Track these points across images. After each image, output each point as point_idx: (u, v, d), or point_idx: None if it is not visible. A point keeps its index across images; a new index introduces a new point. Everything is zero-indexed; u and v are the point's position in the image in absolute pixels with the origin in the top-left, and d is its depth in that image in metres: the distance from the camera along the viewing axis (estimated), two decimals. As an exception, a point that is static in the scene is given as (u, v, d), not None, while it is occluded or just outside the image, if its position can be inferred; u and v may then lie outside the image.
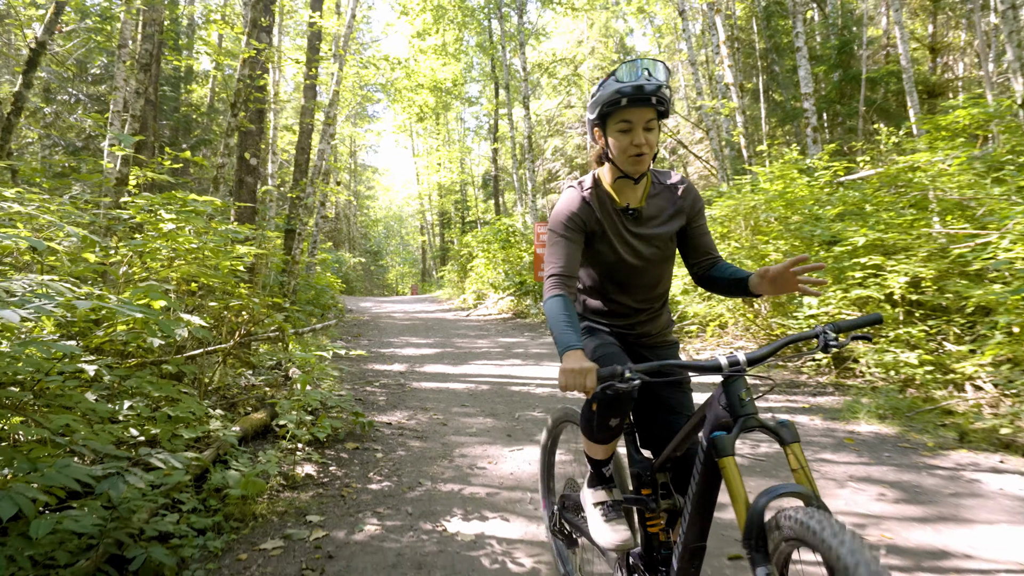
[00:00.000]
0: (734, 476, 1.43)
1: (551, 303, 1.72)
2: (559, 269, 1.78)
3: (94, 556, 2.26)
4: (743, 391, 1.50)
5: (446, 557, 2.63)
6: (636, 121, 1.72)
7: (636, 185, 1.84)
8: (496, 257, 17.16)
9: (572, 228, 1.82)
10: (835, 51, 17.77)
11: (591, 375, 1.47)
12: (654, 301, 1.98)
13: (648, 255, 1.89)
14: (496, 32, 21.52)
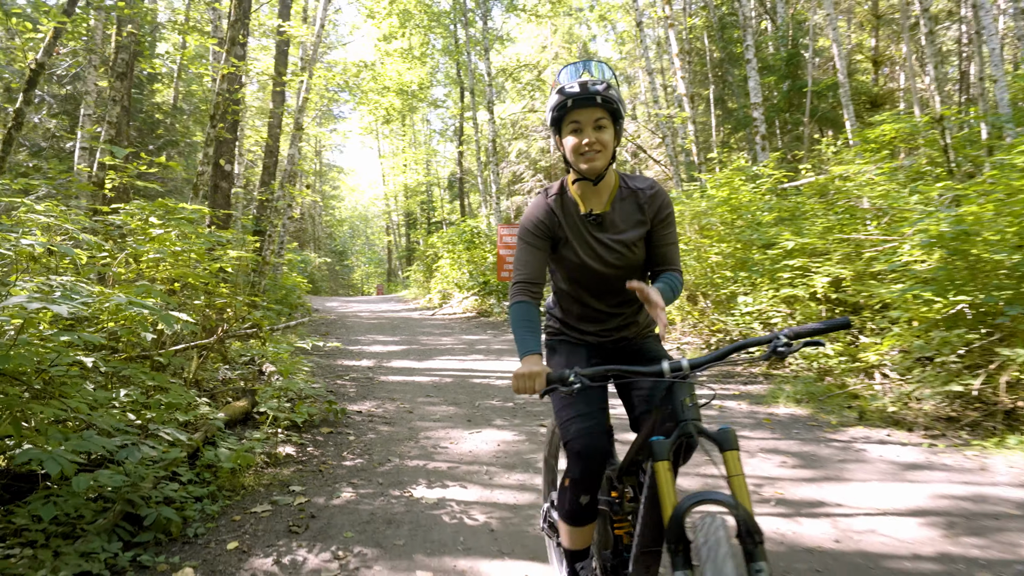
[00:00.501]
0: (665, 481, 1.46)
1: (514, 308, 1.78)
2: (523, 276, 1.82)
3: (111, 514, 2.67)
4: (685, 396, 1.52)
5: (412, 515, 3.10)
6: (584, 121, 1.74)
7: (598, 188, 1.85)
8: (461, 258, 17.60)
9: (537, 235, 1.86)
10: (784, 62, 18.67)
11: (540, 379, 1.53)
12: (627, 306, 1.97)
13: (613, 261, 1.88)
14: (461, 37, 21.95)
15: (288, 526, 2.96)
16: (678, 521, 1.36)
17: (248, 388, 4.84)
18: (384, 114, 23.66)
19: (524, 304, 1.78)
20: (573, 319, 2.01)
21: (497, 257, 14.00)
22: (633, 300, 1.94)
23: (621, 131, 1.82)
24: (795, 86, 18.09)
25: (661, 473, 1.46)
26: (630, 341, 2.01)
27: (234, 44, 5.72)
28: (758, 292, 7.16)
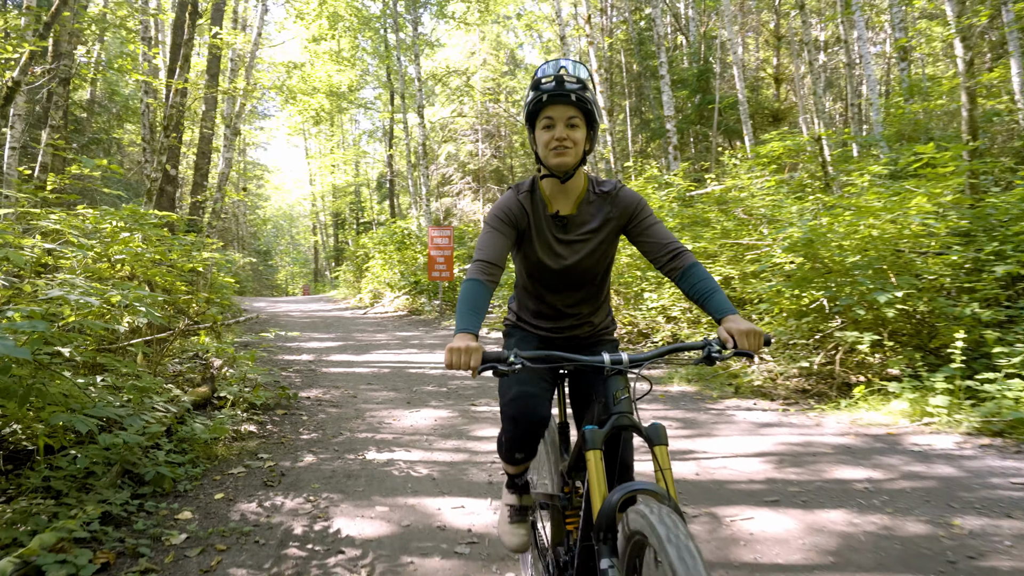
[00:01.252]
0: (596, 469, 1.49)
1: (465, 285, 1.75)
2: (483, 255, 1.81)
3: (114, 473, 3.20)
4: (619, 389, 1.57)
5: (367, 471, 3.76)
6: (557, 117, 1.76)
7: (566, 188, 1.89)
8: (392, 258, 18.06)
9: (504, 221, 1.88)
10: (695, 77, 20.15)
11: (476, 355, 1.52)
12: (583, 306, 2.01)
13: (573, 261, 1.92)
14: (392, 41, 22.36)
15: (263, 482, 3.56)
16: (609, 510, 1.39)
17: (207, 376, 5.32)
18: (314, 115, 23.72)
19: (475, 283, 1.75)
20: (528, 315, 2.07)
21: (428, 258, 14.60)
22: (588, 301, 2.01)
23: (595, 137, 1.85)
24: (705, 100, 19.59)
25: (592, 462, 1.51)
26: (582, 340, 2.04)
27: (187, 60, 6.15)
28: (661, 290, 8.15)
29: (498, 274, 1.82)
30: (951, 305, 4.97)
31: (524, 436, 1.88)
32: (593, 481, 1.48)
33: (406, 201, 30.56)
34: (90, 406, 3.03)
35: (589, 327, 2.04)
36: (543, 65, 1.78)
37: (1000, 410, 4.06)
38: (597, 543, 1.40)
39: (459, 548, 2.71)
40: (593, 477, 1.49)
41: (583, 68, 1.76)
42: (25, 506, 2.73)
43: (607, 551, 1.38)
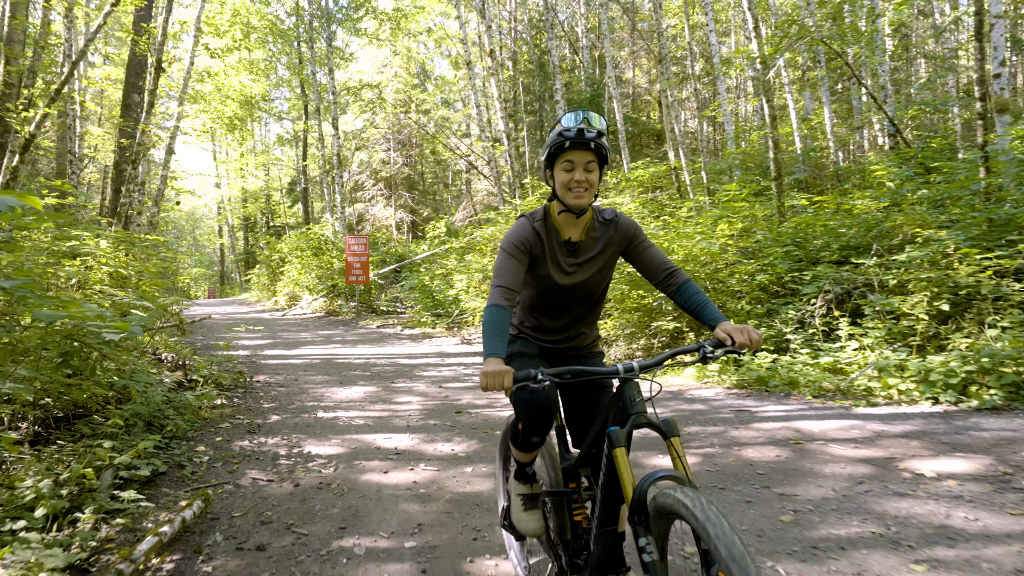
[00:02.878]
0: (624, 464, 1.68)
1: (489, 311, 1.93)
2: (503, 282, 1.99)
3: (140, 424, 4.60)
4: (634, 393, 1.76)
5: (320, 423, 5.31)
6: (577, 162, 1.95)
7: (578, 220, 2.09)
8: (309, 263, 19.15)
9: (520, 249, 2.06)
10: (588, 100, 22.43)
11: (508, 376, 1.69)
12: (581, 321, 2.23)
13: (580, 283, 2.13)
14: (306, 54, 23.29)
15: (247, 430, 5.06)
16: (641, 496, 1.58)
17: (180, 363, 6.64)
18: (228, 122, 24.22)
19: (498, 308, 1.93)
20: (529, 328, 2.27)
21: (346, 264, 15.92)
22: (587, 316, 2.23)
23: (603, 174, 2.12)
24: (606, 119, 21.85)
25: (620, 458, 1.69)
26: (578, 350, 2.27)
27: (151, 108, 7.33)
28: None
29: (515, 298, 2.01)
30: (734, 301, 7.10)
31: (539, 420, 2.06)
32: (624, 474, 1.67)
33: (319, 206, 31.32)
34: (128, 377, 4.44)
35: (584, 339, 2.26)
36: (568, 114, 1.97)
37: (748, 373, 6.15)
38: (634, 525, 1.59)
39: (389, 457, 4.36)
40: (623, 470, 1.68)
41: (601, 120, 1.95)
42: (91, 445, 4.13)
43: (643, 531, 1.58)
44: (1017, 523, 2.80)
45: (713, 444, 4.33)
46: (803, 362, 6.07)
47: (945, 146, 11.49)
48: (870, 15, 11.29)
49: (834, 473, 3.58)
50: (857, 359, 5.87)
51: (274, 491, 3.67)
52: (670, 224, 8.85)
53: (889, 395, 5.21)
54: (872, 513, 3.00)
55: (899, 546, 2.65)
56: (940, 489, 3.25)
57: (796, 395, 5.65)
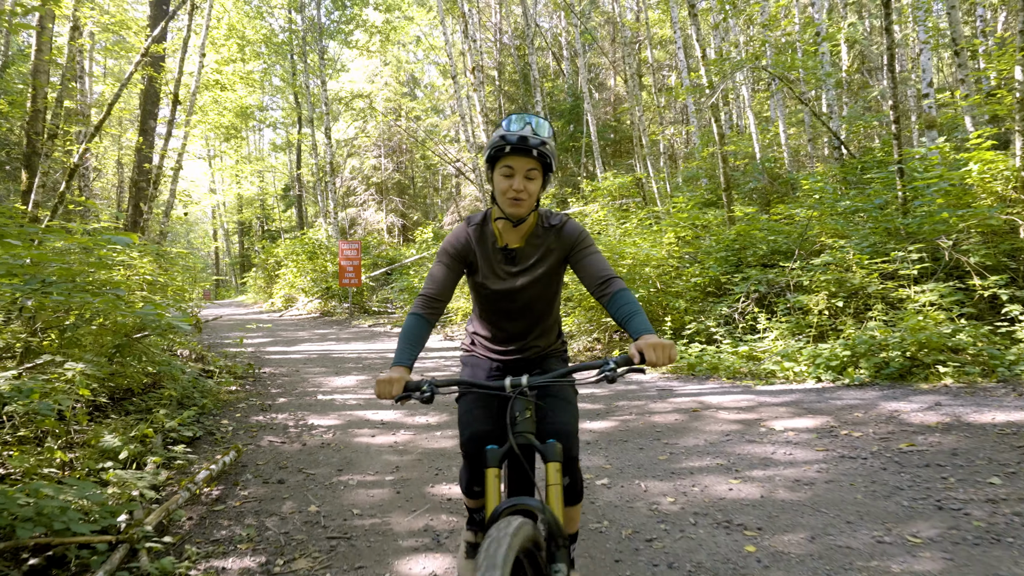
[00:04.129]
0: (492, 487, 1.68)
1: (407, 320, 1.96)
2: (428, 291, 2.00)
3: (174, 402, 5.71)
4: (521, 410, 1.76)
5: (320, 403, 6.43)
6: (518, 168, 1.88)
7: (518, 227, 2.03)
8: (305, 267, 20.23)
9: (452, 256, 2.05)
10: (569, 111, 23.60)
11: (398, 385, 1.73)
12: (532, 331, 2.17)
13: (521, 290, 2.06)
14: (299, 67, 24.36)
15: (260, 409, 6.17)
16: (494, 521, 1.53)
17: (199, 356, 7.74)
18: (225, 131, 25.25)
19: (415, 317, 1.94)
20: (482, 339, 2.22)
21: (339, 267, 17.02)
22: (537, 327, 2.17)
23: (549, 180, 1.99)
24: (578, 130, 23.09)
25: (489, 479, 1.70)
26: (531, 361, 2.19)
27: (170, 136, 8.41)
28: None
29: (440, 307, 2.00)
30: (675, 300, 8.27)
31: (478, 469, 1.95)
32: (489, 496, 1.65)
33: (312, 210, 32.34)
34: (166, 365, 5.55)
35: (538, 350, 2.20)
36: (512, 117, 1.90)
37: (680, 360, 7.30)
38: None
39: (376, 427, 5.48)
40: (489, 492, 1.66)
41: (547, 126, 1.89)
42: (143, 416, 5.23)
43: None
44: (817, 455, 3.95)
45: (631, 413, 5.47)
46: (726, 351, 7.23)
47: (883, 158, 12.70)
48: (813, 41, 12.48)
49: (712, 430, 4.73)
50: (769, 348, 7.03)
51: (287, 449, 4.79)
52: (628, 231, 10.02)
53: (786, 376, 6.37)
54: (723, 453, 4.15)
55: (729, 471, 3.80)
56: (780, 438, 4.40)
57: (715, 378, 6.81)
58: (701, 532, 2.95)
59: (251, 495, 3.78)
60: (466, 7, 19.52)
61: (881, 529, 2.84)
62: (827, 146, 13.82)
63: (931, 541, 2.69)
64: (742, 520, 3.05)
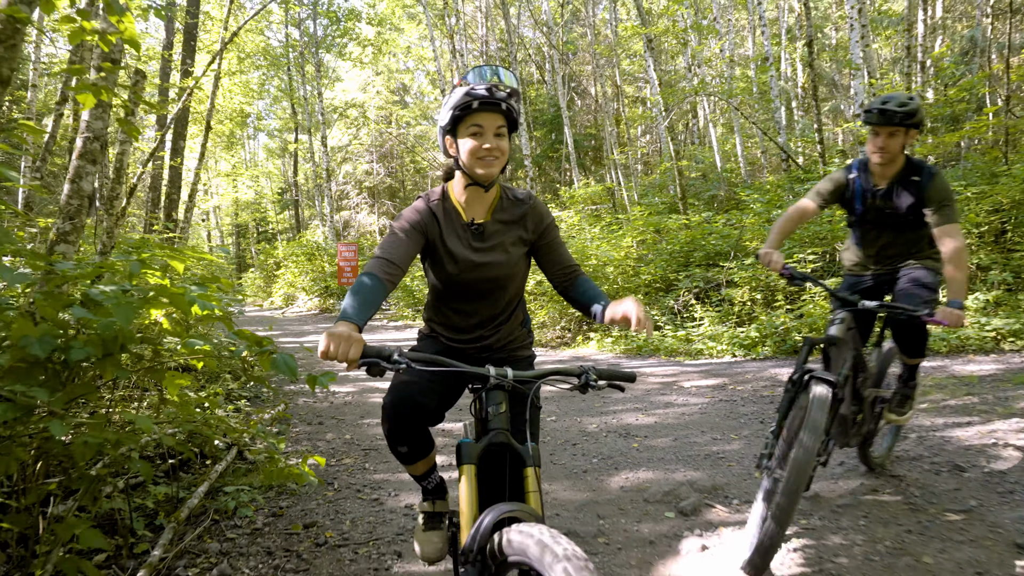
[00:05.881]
0: (468, 484, 1.49)
1: (359, 278, 1.68)
2: (382, 252, 1.76)
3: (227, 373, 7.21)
4: (498, 404, 1.58)
5: (339, 378, 7.97)
6: (487, 126, 1.72)
7: (483, 196, 1.86)
8: (305, 267, 21.69)
9: (412, 227, 1.84)
10: (551, 120, 25.19)
11: (357, 346, 1.41)
12: (496, 318, 1.99)
13: (488, 270, 1.89)
14: (296, 79, 25.80)
15: (289, 382, 7.69)
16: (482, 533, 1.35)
17: (231, 343, 9.26)
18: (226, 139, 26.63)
19: (369, 275, 1.69)
20: (439, 325, 2.03)
21: (338, 268, 18.51)
22: (501, 312, 1.98)
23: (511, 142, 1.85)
24: (559, 139, 24.67)
25: (466, 475, 1.51)
26: (493, 351, 2.00)
27: (203, 157, 9.87)
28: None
29: (397, 274, 1.75)
30: (613, 292, 9.87)
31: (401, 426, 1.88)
32: (465, 496, 1.47)
33: (308, 213, 33.75)
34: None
35: (499, 339, 2.01)
36: (475, 69, 1.74)
37: (631, 342, 8.90)
38: (463, 565, 1.36)
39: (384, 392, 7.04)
40: (464, 494, 1.48)
41: (513, 77, 1.73)
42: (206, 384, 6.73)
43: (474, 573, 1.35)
44: (704, 400, 5.55)
45: (583, 380, 7.07)
46: (668, 335, 8.84)
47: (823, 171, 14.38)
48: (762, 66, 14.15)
49: (639, 389, 6.32)
50: (701, 332, 8.66)
51: (318, 406, 6.33)
52: (594, 236, 11.63)
53: (710, 353, 7.99)
54: (640, 401, 5.74)
55: (640, 410, 5.38)
56: (685, 392, 6.00)
57: (656, 356, 8.42)
58: (608, 439, 4.55)
59: (301, 431, 5.33)
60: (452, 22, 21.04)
61: (719, 434, 4.45)
62: (778, 157, 15.49)
63: (743, 437, 4.30)
64: (636, 433, 4.65)
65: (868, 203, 3.00)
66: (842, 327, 2.77)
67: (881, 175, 2.94)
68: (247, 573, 2.74)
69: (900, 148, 2.83)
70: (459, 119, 1.74)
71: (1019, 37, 15.72)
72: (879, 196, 2.96)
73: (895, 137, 2.80)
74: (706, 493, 3.28)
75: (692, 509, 3.05)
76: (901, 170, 2.90)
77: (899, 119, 2.75)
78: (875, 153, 2.86)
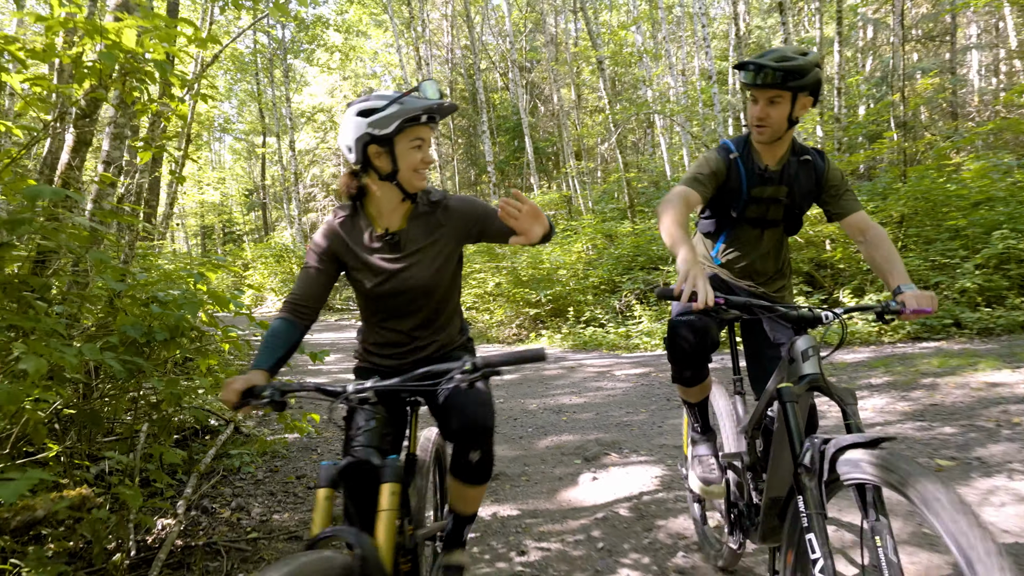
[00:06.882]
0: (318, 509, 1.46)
1: (272, 323, 1.82)
2: (291, 296, 1.84)
3: (211, 369, 8.01)
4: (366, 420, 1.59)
5: (314, 372, 8.81)
6: (426, 139, 1.76)
7: (400, 204, 1.83)
8: (274, 268, 22.29)
9: (318, 255, 1.86)
10: (514, 127, 26.18)
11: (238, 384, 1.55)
12: (429, 326, 1.94)
13: (409, 278, 1.84)
14: (264, 83, 26.29)
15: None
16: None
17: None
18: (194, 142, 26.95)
19: (278, 320, 1.80)
20: (373, 346, 1.99)
21: (307, 269, 19.20)
22: (435, 320, 1.94)
23: None
24: (520, 146, 25.68)
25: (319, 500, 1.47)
26: (430, 358, 1.95)
27: (184, 164, 10.60)
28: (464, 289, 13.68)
29: (310, 311, 1.84)
30: (582, 296, 10.92)
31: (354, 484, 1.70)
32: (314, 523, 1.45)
33: (275, 214, 34.12)
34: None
35: (436, 346, 1.97)
36: (425, 83, 1.74)
37: (579, 337, 9.93)
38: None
39: (356, 381, 7.93)
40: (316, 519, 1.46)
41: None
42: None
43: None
44: (629, 384, 6.58)
45: (528, 370, 8.07)
46: (611, 332, 9.91)
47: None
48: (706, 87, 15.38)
49: (578, 377, 7.34)
50: (640, 329, 9.74)
51: (298, 393, 7.18)
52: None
53: (646, 347, 9.07)
54: (577, 386, 6.75)
55: (574, 393, 6.39)
56: (616, 379, 7.03)
57: (599, 350, 9.47)
58: (543, 414, 5.54)
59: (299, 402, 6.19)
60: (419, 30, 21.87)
61: (631, 408, 5.48)
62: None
63: (649, 411, 5.34)
64: (567, 410, 5.65)
65: (756, 191, 2.24)
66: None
67: (769, 155, 2.23)
68: (257, 506, 3.65)
69: (785, 118, 2.13)
70: (402, 130, 1.72)
71: (933, 61, 17.30)
72: (770, 181, 2.23)
73: (778, 105, 2.10)
74: (606, 446, 4.29)
75: (593, 456, 4.07)
76: (789, 151, 2.24)
77: (780, 79, 2.05)
78: (755, 126, 2.17)
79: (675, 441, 4.29)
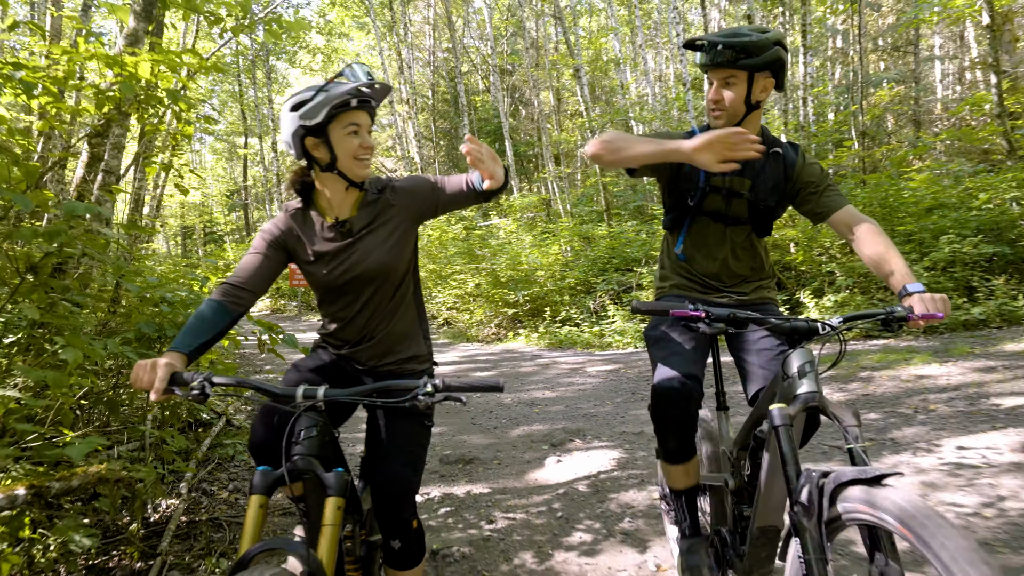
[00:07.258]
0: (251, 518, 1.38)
1: (201, 304, 1.70)
2: (231, 277, 1.74)
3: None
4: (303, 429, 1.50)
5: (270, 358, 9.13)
6: (363, 124, 1.72)
7: (348, 193, 1.81)
8: (256, 269, 22.50)
9: (266, 243, 1.81)
10: (493, 130, 26.57)
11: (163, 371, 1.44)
12: (383, 321, 1.88)
13: (361, 265, 1.81)
14: (247, 85, 26.42)
15: (256, 371, 8.81)
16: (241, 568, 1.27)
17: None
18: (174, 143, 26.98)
19: (209, 302, 1.69)
20: (329, 336, 1.96)
21: (290, 270, 19.42)
22: (387, 318, 1.88)
23: None
24: (501, 149, 26.04)
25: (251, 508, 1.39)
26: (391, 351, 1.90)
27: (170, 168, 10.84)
28: (444, 290, 14.05)
29: (247, 297, 1.74)
30: (559, 296, 11.33)
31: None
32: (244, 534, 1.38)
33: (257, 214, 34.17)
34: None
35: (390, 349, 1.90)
36: (350, 67, 1.72)
37: (555, 336, 10.35)
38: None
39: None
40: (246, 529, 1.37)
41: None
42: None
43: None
44: (599, 380, 7.00)
45: (506, 367, 8.47)
46: (586, 331, 10.33)
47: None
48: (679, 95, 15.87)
49: (551, 373, 7.74)
50: (613, 328, 10.18)
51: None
52: (527, 243, 13.07)
53: (618, 345, 9.51)
54: (550, 382, 7.16)
55: (547, 388, 6.79)
56: (587, 374, 7.45)
57: (574, 348, 9.90)
58: (516, 407, 5.94)
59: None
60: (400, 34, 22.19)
61: (600, 401, 5.90)
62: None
63: (616, 403, 5.76)
64: (539, 403, 6.06)
65: (715, 180, 2.05)
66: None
67: None
68: (252, 489, 4.00)
69: (742, 101, 1.95)
70: (334, 117, 1.68)
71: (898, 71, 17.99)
72: (731, 172, 1.99)
73: (733, 86, 1.93)
74: (572, 434, 4.70)
75: (559, 443, 4.47)
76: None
77: (733, 57, 1.89)
78: (710, 110, 2.02)
79: (634, 429, 4.72)
